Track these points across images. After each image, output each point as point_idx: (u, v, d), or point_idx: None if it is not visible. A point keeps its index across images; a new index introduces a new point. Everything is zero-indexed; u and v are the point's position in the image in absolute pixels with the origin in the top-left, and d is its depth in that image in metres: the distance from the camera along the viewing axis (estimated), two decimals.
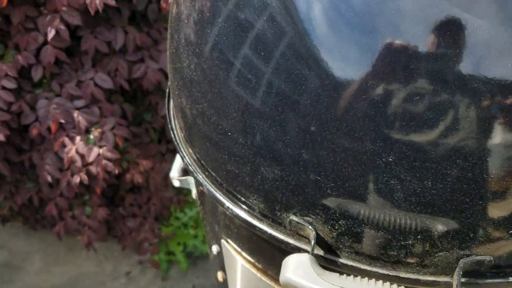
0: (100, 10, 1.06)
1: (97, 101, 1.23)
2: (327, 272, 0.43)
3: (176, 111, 0.61)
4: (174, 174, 0.83)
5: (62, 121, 1.24)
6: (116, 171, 1.28)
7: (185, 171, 0.83)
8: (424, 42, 0.38)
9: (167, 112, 0.67)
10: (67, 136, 1.27)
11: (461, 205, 0.40)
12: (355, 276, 0.43)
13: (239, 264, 0.64)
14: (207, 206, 0.67)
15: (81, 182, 1.32)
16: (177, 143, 0.61)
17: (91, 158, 1.23)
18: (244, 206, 0.52)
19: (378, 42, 0.39)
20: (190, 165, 0.58)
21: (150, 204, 1.65)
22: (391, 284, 0.42)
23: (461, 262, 0.43)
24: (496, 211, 0.41)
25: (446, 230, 0.42)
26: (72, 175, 1.32)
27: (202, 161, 0.57)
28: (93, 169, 1.24)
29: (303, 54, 0.42)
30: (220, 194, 0.54)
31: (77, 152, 1.24)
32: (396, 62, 0.38)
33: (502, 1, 0.37)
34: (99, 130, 1.22)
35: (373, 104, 0.39)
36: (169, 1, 1.06)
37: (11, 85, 1.22)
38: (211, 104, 0.49)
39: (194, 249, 1.87)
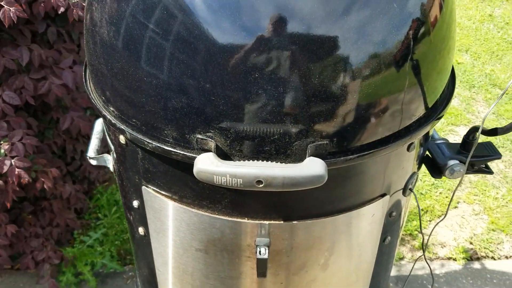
0: (15, 21, 1.15)
1: (4, 115, 1.30)
2: (226, 160, 0.64)
3: (97, 81, 0.78)
4: (91, 154, 0.97)
5: None
6: (27, 179, 1.32)
7: (100, 151, 0.98)
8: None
9: (86, 88, 0.83)
10: None
11: (303, 105, 0.64)
12: (243, 161, 0.64)
13: (157, 201, 0.81)
14: (127, 161, 0.83)
15: None
16: (98, 107, 0.78)
17: (4, 169, 1.28)
18: (161, 139, 0.71)
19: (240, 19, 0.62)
20: (113, 119, 0.75)
21: (53, 225, 1.69)
22: (267, 161, 0.64)
23: (309, 147, 0.67)
24: (327, 113, 0.66)
25: (297, 126, 0.65)
26: None
27: (122, 116, 0.74)
28: (8, 179, 1.29)
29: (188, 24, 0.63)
30: (141, 136, 0.72)
31: None
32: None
33: None
34: (8, 142, 1.28)
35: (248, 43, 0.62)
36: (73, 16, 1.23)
37: None
38: (127, 63, 0.68)
39: (103, 268, 1.91)
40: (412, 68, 0.70)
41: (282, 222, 0.76)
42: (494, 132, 0.85)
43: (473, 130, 0.94)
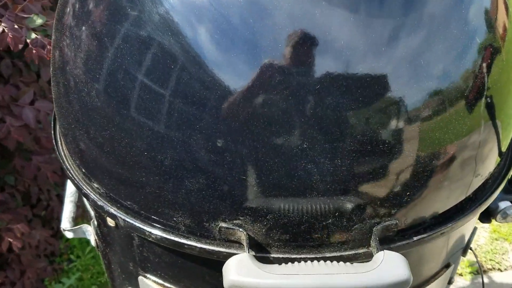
0: None
1: None
2: (268, 265, 0.45)
3: (72, 147, 0.58)
4: (66, 225, 0.77)
5: None
6: None
7: (76, 220, 0.78)
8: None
9: (57, 150, 0.63)
10: None
11: (366, 177, 0.47)
12: (292, 262, 0.46)
13: None
14: (118, 245, 0.64)
15: None
16: (77, 182, 0.58)
17: None
18: (167, 228, 0.52)
19: (261, 58, 0.44)
20: (98, 201, 0.55)
21: (25, 278, 1.46)
22: (325, 261, 0.46)
23: (375, 230, 0.49)
24: (394, 181, 0.48)
25: (358, 203, 0.48)
26: None
27: (111, 194, 0.55)
28: None
29: (198, 75, 0.44)
30: (139, 223, 0.53)
31: None
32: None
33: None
34: None
35: (286, 101, 0.44)
36: (33, 52, 1.00)
37: None
38: (119, 130, 0.48)
39: None
40: (486, 106, 0.53)
41: None
42: None
43: None
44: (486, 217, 0.82)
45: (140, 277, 0.63)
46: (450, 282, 0.70)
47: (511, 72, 0.57)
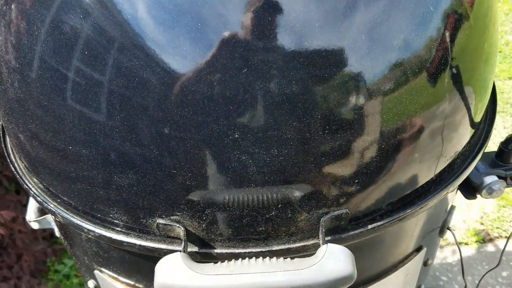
0: None
1: None
2: (201, 264, 0.42)
3: (13, 141, 0.55)
4: (31, 216, 0.75)
5: None
6: None
7: (43, 211, 0.76)
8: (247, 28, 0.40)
9: (3, 147, 0.60)
10: None
11: (308, 166, 0.43)
12: (229, 260, 0.43)
13: None
14: (72, 239, 0.62)
15: None
16: (20, 177, 0.55)
17: None
18: (106, 224, 0.49)
19: (207, 34, 0.39)
20: (38, 196, 0.52)
21: (22, 262, 1.47)
22: (263, 258, 0.43)
23: (322, 221, 0.45)
24: (340, 167, 0.44)
25: (302, 194, 0.44)
26: None
27: (50, 188, 0.52)
28: None
29: (139, 56, 0.40)
30: (77, 219, 0.50)
31: None
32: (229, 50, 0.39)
33: None
34: None
35: (211, 87, 0.40)
36: None
37: None
38: (44, 123, 0.45)
39: None
40: (452, 79, 0.48)
41: None
42: None
43: None
44: (470, 193, 0.77)
45: (95, 271, 0.61)
46: (426, 264, 0.67)
47: (481, 39, 0.52)
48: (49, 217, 0.74)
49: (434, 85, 0.47)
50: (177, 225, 0.45)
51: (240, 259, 0.43)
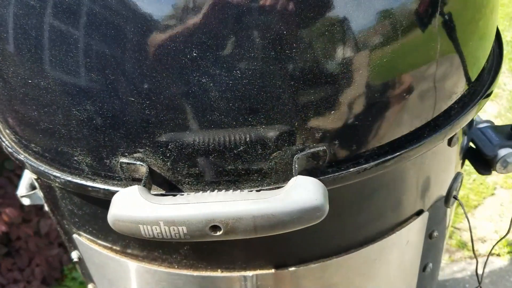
0: None
1: None
2: (159, 196, 0.39)
3: None
4: (22, 191, 0.74)
5: None
6: None
7: (33, 186, 0.74)
8: None
9: None
10: None
11: (277, 92, 0.39)
12: (189, 193, 0.39)
13: (95, 254, 0.56)
14: (52, 203, 0.59)
15: None
16: None
17: None
18: (72, 170, 0.47)
19: None
20: (9, 147, 0.51)
21: (33, 265, 1.47)
22: (226, 191, 0.39)
23: (296, 158, 0.41)
24: (315, 96, 0.40)
25: (272, 126, 0.40)
26: None
27: (21, 139, 0.50)
28: None
29: None
30: (45, 167, 0.48)
31: None
32: None
33: None
34: None
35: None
36: None
37: None
38: (5, 57, 0.44)
39: None
40: (444, 27, 0.44)
41: (273, 271, 0.51)
42: None
43: None
44: (484, 168, 0.72)
45: (74, 235, 0.58)
46: (431, 237, 0.61)
47: (477, 11, 0.48)
48: (39, 191, 0.73)
49: (426, 22, 0.43)
50: (141, 163, 0.42)
51: (201, 192, 0.39)
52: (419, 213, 0.55)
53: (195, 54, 0.38)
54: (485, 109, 2.45)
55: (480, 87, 0.53)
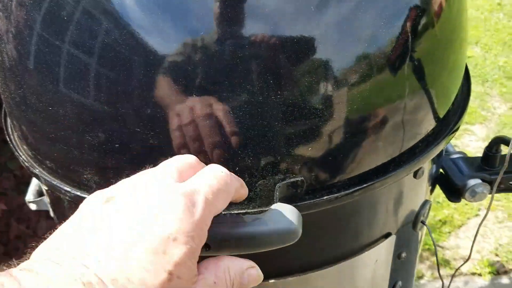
0: None
1: None
2: None
3: (7, 109, 0.61)
4: (30, 197, 0.80)
5: None
6: None
7: (41, 193, 0.81)
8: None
9: (3, 120, 0.66)
10: None
11: (263, 129, 0.46)
12: None
13: None
14: (59, 211, 0.66)
15: None
16: (13, 146, 0.60)
17: None
18: (82, 186, 0.53)
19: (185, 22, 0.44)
20: (26, 161, 0.57)
21: None
22: None
23: (277, 186, 0.48)
24: (295, 134, 0.47)
25: (257, 158, 0.47)
26: None
27: (37, 156, 0.57)
28: None
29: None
30: (57, 182, 0.54)
31: None
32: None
33: None
34: None
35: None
36: None
37: None
38: (29, 86, 0.50)
39: None
40: (413, 68, 0.51)
41: None
42: None
43: (497, 141, 0.75)
44: (454, 195, 0.78)
45: None
46: (399, 257, 0.67)
47: (446, 51, 0.55)
48: (45, 198, 0.79)
49: (395, 72, 0.50)
50: None
51: None
52: (387, 235, 0.62)
53: (193, 94, 0.44)
54: (474, 132, 2.53)
55: (446, 125, 0.60)
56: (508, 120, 2.59)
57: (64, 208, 0.62)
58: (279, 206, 0.45)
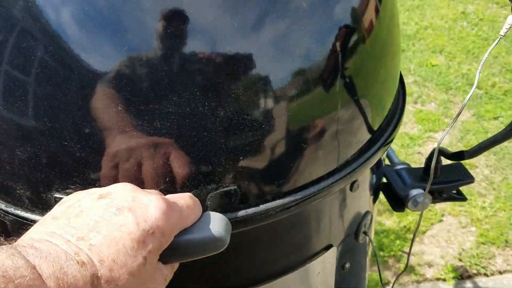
0: None
1: None
2: None
3: None
4: None
5: None
6: None
7: None
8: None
9: None
10: None
11: (193, 139, 0.46)
12: None
13: None
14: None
15: None
16: None
17: None
18: (16, 202, 0.52)
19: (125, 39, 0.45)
20: None
21: None
22: None
23: (209, 196, 0.49)
24: (227, 142, 0.48)
25: (189, 167, 0.47)
26: None
27: None
28: None
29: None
30: None
31: None
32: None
33: None
34: None
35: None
36: None
37: None
38: None
39: None
40: (344, 82, 0.53)
41: None
42: (459, 156, 0.68)
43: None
44: (398, 205, 0.80)
45: None
46: (343, 268, 0.69)
47: (377, 65, 0.57)
48: None
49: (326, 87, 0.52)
50: None
51: None
52: (327, 248, 0.63)
53: (122, 107, 0.45)
54: (437, 139, 2.59)
55: (380, 136, 0.61)
56: (471, 127, 2.67)
57: (8, 229, 0.61)
58: (207, 215, 0.46)
